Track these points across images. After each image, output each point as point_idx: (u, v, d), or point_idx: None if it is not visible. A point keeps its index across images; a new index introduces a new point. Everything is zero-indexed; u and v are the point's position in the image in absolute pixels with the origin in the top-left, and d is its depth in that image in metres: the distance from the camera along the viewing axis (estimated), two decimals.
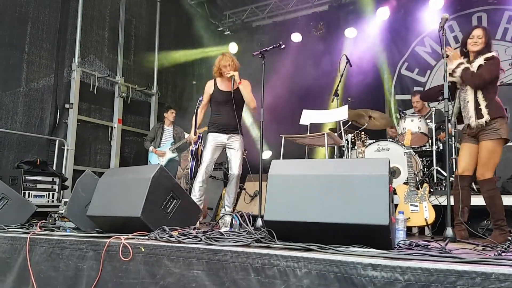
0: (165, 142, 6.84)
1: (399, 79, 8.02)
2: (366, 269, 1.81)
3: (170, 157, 6.77)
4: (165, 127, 6.97)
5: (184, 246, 2.29)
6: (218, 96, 4.63)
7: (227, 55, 4.67)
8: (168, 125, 6.99)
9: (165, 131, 6.93)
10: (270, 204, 2.43)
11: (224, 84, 4.63)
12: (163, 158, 6.72)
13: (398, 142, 5.28)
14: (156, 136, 6.89)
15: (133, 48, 8.09)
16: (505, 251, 2.18)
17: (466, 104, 3.56)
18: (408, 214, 3.99)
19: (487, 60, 3.46)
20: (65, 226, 3.48)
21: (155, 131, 6.98)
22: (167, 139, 6.87)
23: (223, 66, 4.54)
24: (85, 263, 2.60)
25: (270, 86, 7.62)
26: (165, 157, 6.74)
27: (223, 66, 4.54)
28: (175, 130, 6.97)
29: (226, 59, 4.57)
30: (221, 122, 4.61)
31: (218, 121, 4.63)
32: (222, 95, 4.60)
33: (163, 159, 6.71)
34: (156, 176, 2.96)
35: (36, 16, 6.44)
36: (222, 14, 9.43)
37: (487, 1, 7.28)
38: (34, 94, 6.41)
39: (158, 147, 6.80)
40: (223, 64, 4.54)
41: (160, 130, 6.92)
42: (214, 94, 4.64)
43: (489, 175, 3.49)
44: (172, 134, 6.90)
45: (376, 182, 2.23)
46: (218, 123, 4.62)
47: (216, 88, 4.66)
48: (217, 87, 4.66)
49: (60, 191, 5.78)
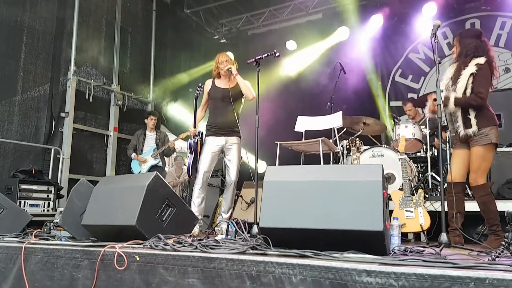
0: (148, 149, 6.66)
1: (393, 85, 8.08)
2: (360, 275, 1.81)
3: (152, 164, 6.57)
4: (147, 133, 6.76)
5: (179, 255, 2.29)
6: (215, 92, 4.61)
7: (224, 53, 4.73)
8: (150, 131, 6.78)
9: (148, 137, 6.73)
10: (265, 211, 2.44)
11: (222, 82, 4.64)
12: (145, 165, 6.55)
13: (393, 148, 5.31)
14: (138, 142, 6.70)
15: (129, 56, 8.12)
16: (499, 256, 2.19)
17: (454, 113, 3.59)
18: (404, 220, 4.00)
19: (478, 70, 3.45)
20: (60, 235, 3.47)
21: (137, 137, 6.77)
22: (149, 145, 6.67)
23: (220, 62, 4.58)
24: (80, 272, 2.59)
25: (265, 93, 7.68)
26: (147, 164, 6.55)
27: (221, 62, 4.58)
28: (158, 136, 6.78)
29: (224, 56, 4.64)
30: (218, 122, 4.56)
31: (215, 122, 4.58)
32: (219, 92, 4.59)
33: (144, 166, 6.54)
34: (151, 184, 2.95)
35: (32, 25, 6.46)
36: (218, 22, 9.48)
37: (480, 8, 7.37)
38: (30, 103, 6.41)
39: (140, 153, 6.62)
40: (221, 60, 4.59)
41: (142, 137, 6.73)
42: (211, 91, 4.64)
43: (482, 181, 3.50)
44: (154, 139, 6.70)
45: (370, 188, 2.24)
46: (215, 124, 4.57)
47: (214, 85, 4.66)
48: (214, 84, 4.66)
49: (55, 200, 5.75)
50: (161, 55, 8.69)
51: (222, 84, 4.62)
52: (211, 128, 4.60)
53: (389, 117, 7.72)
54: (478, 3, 7.38)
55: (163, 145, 6.64)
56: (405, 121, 5.51)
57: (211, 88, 4.65)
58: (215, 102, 4.63)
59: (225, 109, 4.55)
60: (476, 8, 7.41)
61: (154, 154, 6.57)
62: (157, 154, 6.59)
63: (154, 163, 6.57)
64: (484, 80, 3.44)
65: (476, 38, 3.62)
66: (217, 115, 4.59)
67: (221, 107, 4.58)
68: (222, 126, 4.55)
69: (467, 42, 3.60)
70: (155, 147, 6.62)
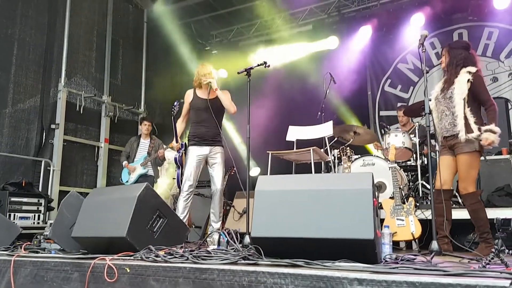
0: (139, 157, 6.49)
1: (382, 95, 8.16)
2: (352, 283, 1.81)
3: (141, 173, 6.36)
4: (141, 140, 6.61)
5: (170, 266, 2.27)
6: (197, 102, 4.61)
7: (206, 64, 4.73)
8: (144, 138, 6.63)
9: (141, 145, 6.57)
10: (256, 220, 2.44)
11: (203, 92, 4.63)
12: (133, 174, 6.37)
13: (383, 157, 5.34)
14: (132, 150, 6.53)
15: (120, 67, 8.11)
16: (489, 263, 2.20)
17: (444, 116, 3.63)
18: (395, 229, 4.01)
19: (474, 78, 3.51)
20: (50, 248, 3.44)
21: (131, 144, 6.60)
22: (141, 153, 6.50)
23: (202, 75, 4.58)
24: (69, 285, 2.56)
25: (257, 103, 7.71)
26: (135, 173, 6.36)
27: (202, 75, 4.58)
28: (152, 143, 6.58)
29: (206, 68, 4.63)
30: (200, 132, 4.55)
31: (197, 132, 4.57)
32: (201, 102, 4.59)
33: (133, 175, 6.37)
34: (142, 195, 2.94)
35: (23, 37, 6.45)
36: (209, 34, 9.54)
37: (468, 18, 7.48)
38: (20, 115, 6.37)
39: (132, 162, 6.45)
40: (202, 73, 4.59)
41: (136, 144, 6.57)
42: (193, 101, 4.63)
43: (472, 189, 3.53)
44: (148, 147, 6.52)
45: (360, 196, 2.26)
46: (197, 134, 4.56)
47: (195, 95, 4.66)
48: (196, 95, 4.66)
49: (46, 213, 5.71)
50: (153, 66, 8.69)
51: (204, 94, 4.61)
52: (194, 138, 4.58)
53: (379, 126, 7.78)
54: (465, 13, 7.49)
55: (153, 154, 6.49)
56: (395, 130, 5.56)
57: (193, 99, 4.65)
58: (197, 112, 4.62)
59: (207, 119, 4.55)
60: (464, 18, 7.52)
61: (143, 162, 6.40)
62: (147, 163, 6.41)
63: (142, 172, 6.38)
64: (483, 89, 3.55)
65: (465, 49, 3.71)
66: (200, 125, 4.58)
67: (203, 117, 4.57)
68: (205, 136, 4.54)
69: (457, 53, 3.68)
70: (146, 156, 6.46)
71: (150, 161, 6.44)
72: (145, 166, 6.41)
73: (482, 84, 3.55)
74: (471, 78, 3.51)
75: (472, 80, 3.51)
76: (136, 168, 6.38)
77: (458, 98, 3.54)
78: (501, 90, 7.06)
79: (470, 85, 3.51)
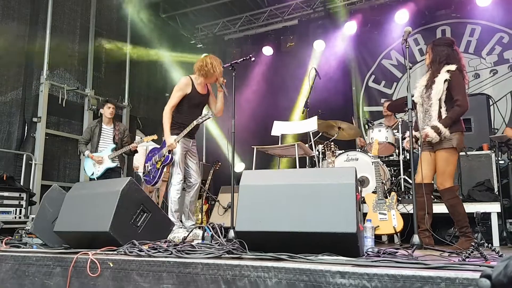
0: (104, 145, 5.76)
1: (366, 91, 8.24)
2: (334, 276, 1.84)
3: (109, 167, 5.65)
4: (104, 126, 5.82)
5: (154, 260, 2.27)
6: (195, 97, 4.48)
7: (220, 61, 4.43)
8: (107, 123, 5.85)
9: (103, 131, 5.79)
10: (241, 215, 2.45)
11: (200, 86, 4.52)
12: (100, 166, 5.63)
13: (367, 152, 5.39)
14: (92, 136, 5.73)
15: (103, 60, 7.99)
16: (469, 256, 2.25)
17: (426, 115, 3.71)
18: (377, 223, 4.06)
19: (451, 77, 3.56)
20: (32, 243, 3.39)
21: (91, 131, 5.76)
22: (106, 141, 5.78)
23: (220, 72, 4.36)
24: (52, 280, 2.54)
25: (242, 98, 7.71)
26: (103, 166, 5.62)
27: (221, 72, 4.37)
28: (117, 129, 5.87)
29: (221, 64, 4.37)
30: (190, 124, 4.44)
31: (186, 124, 4.41)
32: (199, 97, 4.51)
33: (99, 168, 5.63)
34: (125, 189, 2.91)
35: (4, 28, 6.31)
36: (194, 27, 9.46)
37: (451, 15, 7.58)
38: (2, 108, 6.25)
39: (95, 151, 5.71)
40: (221, 69, 4.35)
41: (97, 130, 5.76)
42: (191, 95, 4.45)
43: (448, 184, 3.59)
44: (112, 134, 5.81)
45: (343, 191, 2.28)
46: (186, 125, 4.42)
47: (194, 89, 4.47)
48: (194, 88, 4.47)
49: (27, 207, 5.61)
50: (137, 60, 8.60)
51: (200, 89, 4.54)
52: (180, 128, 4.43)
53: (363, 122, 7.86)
54: (448, 10, 7.58)
55: (123, 141, 5.84)
56: (378, 125, 5.61)
57: (192, 92, 4.47)
58: (191, 107, 4.54)
59: (196, 112, 4.53)
60: (447, 15, 7.62)
61: (112, 155, 5.67)
62: (116, 156, 5.72)
63: (111, 166, 5.67)
64: (458, 87, 3.56)
65: (448, 46, 3.75)
66: (189, 118, 4.46)
67: (194, 111, 4.53)
68: (193, 129, 4.46)
69: (440, 50, 3.73)
70: (113, 146, 5.75)
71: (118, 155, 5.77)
72: (113, 159, 5.73)
73: (458, 82, 3.57)
74: (448, 77, 3.56)
75: (449, 79, 3.56)
76: (104, 161, 5.66)
77: (434, 98, 3.62)
78: (483, 87, 7.18)
79: (447, 84, 3.56)
